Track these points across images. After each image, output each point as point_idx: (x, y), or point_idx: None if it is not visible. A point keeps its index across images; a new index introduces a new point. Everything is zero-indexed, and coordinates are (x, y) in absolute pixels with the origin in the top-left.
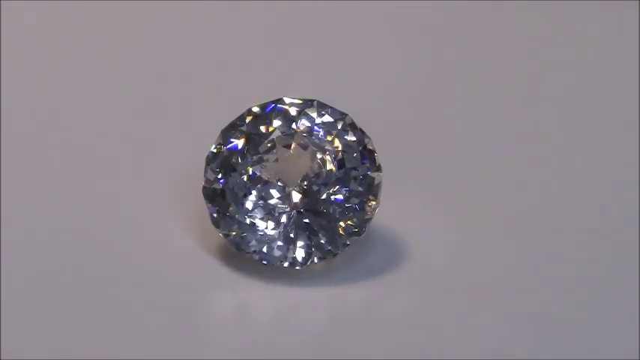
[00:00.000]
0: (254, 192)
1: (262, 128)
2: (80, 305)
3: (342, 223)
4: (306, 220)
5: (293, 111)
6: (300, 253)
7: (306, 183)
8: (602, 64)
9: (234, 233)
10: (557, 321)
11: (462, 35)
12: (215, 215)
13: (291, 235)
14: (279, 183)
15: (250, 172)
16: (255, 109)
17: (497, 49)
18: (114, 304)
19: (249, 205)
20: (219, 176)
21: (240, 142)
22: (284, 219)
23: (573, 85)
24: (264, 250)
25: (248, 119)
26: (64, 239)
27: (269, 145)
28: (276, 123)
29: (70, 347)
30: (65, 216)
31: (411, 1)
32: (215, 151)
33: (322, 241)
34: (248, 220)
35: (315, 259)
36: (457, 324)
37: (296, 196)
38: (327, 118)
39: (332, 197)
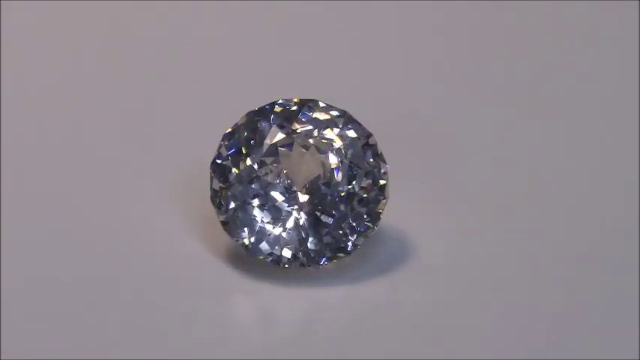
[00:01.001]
0: (260, 196)
1: (262, 131)
2: (84, 307)
3: (351, 221)
4: (315, 220)
5: (292, 111)
6: (310, 254)
7: (310, 183)
8: (602, 65)
9: (244, 238)
10: (558, 321)
11: (464, 34)
12: (224, 221)
13: (302, 236)
14: (283, 185)
15: (254, 177)
16: (254, 113)
17: (499, 48)
18: (118, 306)
19: (256, 209)
20: (225, 184)
21: (241, 148)
22: (292, 220)
23: (575, 85)
24: (275, 252)
25: (247, 123)
26: (67, 241)
27: (270, 148)
28: (276, 125)
29: (70, 349)
30: (68, 217)
31: (410, 0)
32: (218, 160)
33: (332, 240)
34: (257, 225)
35: (326, 259)
36: (459, 323)
37: (302, 197)
38: (327, 117)
39: (338, 195)
